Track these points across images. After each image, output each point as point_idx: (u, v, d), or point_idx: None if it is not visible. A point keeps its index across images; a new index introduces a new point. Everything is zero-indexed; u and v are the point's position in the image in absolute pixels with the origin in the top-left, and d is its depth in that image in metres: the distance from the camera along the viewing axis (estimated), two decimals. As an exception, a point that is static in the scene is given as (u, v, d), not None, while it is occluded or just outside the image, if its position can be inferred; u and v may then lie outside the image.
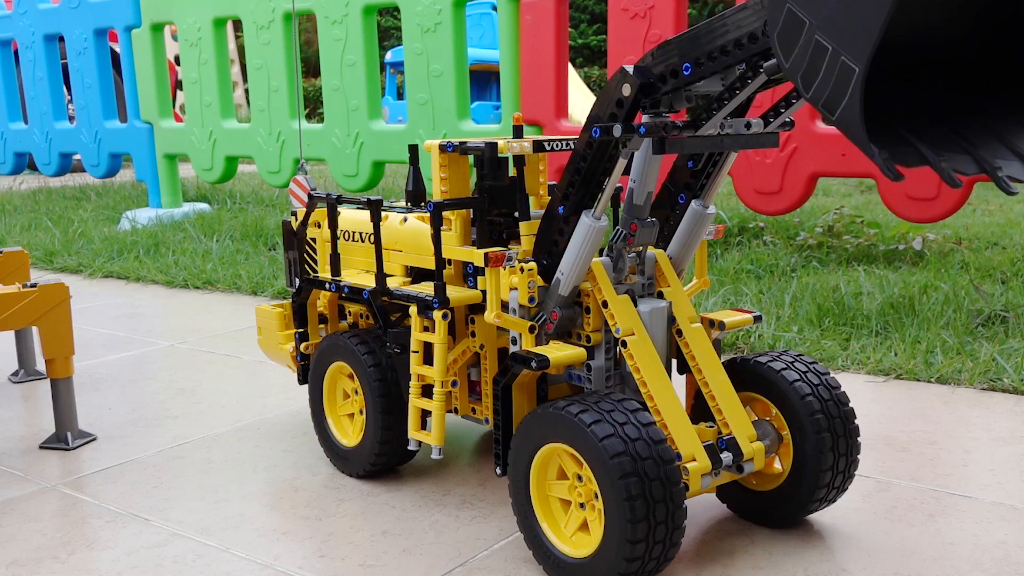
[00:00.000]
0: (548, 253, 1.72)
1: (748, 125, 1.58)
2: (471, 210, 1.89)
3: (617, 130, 1.49)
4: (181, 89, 6.01)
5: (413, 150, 1.97)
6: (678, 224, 1.86)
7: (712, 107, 1.50)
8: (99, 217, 6.32)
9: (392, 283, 2.03)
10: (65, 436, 2.37)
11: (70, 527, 1.91)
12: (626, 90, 1.48)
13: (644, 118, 1.51)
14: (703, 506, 1.90)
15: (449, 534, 1.82)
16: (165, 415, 2.60)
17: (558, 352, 1.66)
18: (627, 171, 1.65)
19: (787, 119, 1.62)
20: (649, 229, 1.70)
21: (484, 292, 1.81)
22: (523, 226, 1.79)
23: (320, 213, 2.25)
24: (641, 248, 1.76)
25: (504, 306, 1.75)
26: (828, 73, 1.16)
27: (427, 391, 1.89)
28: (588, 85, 13.24)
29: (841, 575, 1.64)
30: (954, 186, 1.18)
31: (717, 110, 1.50)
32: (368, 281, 2.06)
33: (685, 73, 1.41)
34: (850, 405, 1.76)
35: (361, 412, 2.06)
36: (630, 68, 1.48)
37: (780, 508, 1.78)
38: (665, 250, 1.85)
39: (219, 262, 4.64)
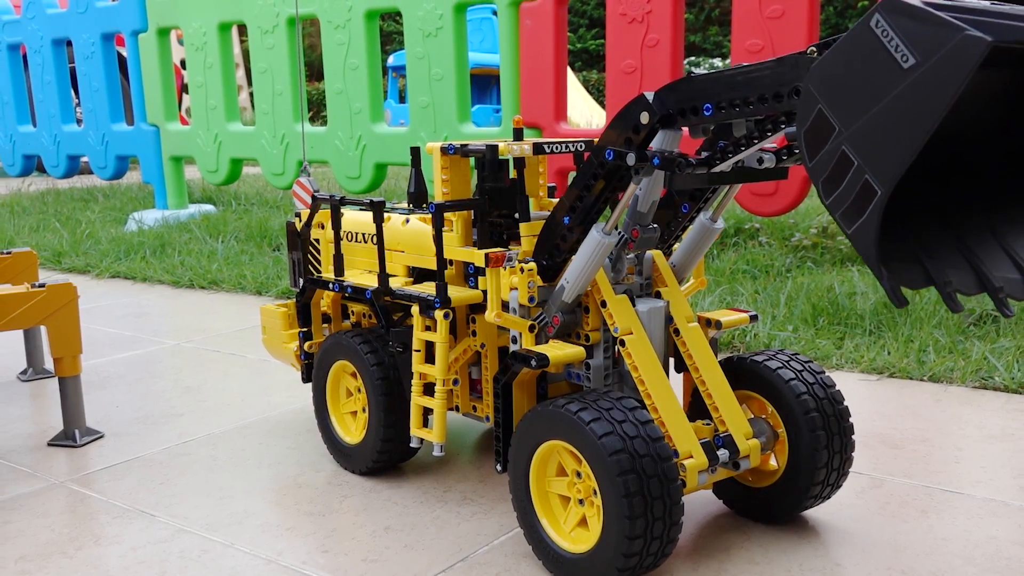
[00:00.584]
0: (548, 255, 1.72)
1: (760, 160, 1.56)
2: (472, 211, 1.89)
3: (631, 159, 1.47)
4: (187, 92, 6.01)
5: (415, 152, 1.97)
6: (679, 228, 1.86)
7: (728, 150, 1.48)
8: (106, 218, 6.32)
9: (394, 283, 2.03)
10: (73, 433, 2.37)
11: (78, 523, 1.91)
12: (644, 118, 1.45)
13: (658, 137, 1.49)
14: (700, 502, 1.90)
15: (450, 530, 1.82)
16: (171, 413, 2.60)
17: (557, 351, 1.66)
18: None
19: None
20: (651, 235, 1.70)
21: (485, 292, 1.81)
22: (523, 227, 1.79)
23: (324, 214, 2.25)
24: (641, 251, 1.76)
25: (504, 306, 1.75)
26: (850, 187, 1.12)
27: (429, 389, 1.90)
28: (587, 89, 13.24)
29: (835, 570, 1.64)
30: (955, 311, 1.16)
31: (733, 153, 1.47)
32: (371, 281, 2.06)
33: (705, 114, 1.38)
34: (844, 403, 1.76)
35: (364, 410, 2.06)
36: (651, 96, 1.45)
37: (776, 504, 1.78)
38: (668, 258, 1.85)
39: (224, 263, 4.64)
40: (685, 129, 1.47)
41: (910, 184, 1.18)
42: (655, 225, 1.71)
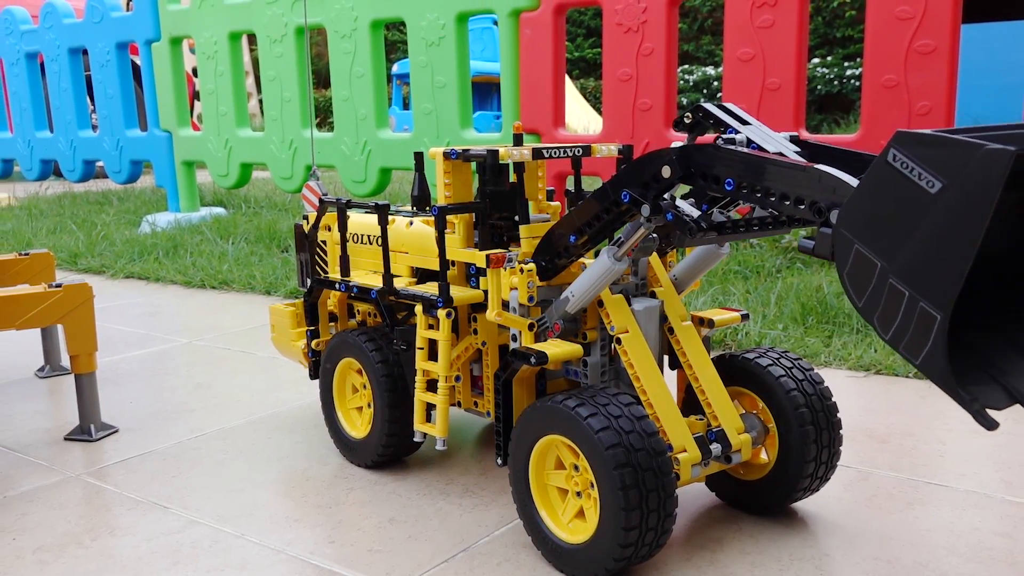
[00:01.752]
0: (548, 261, 1.72)
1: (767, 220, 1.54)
2: (474, 214, 1.89)
3: (645, 210, 1.46)
4: (198, 99, 6.01)
5: (418, 157, 1.97)
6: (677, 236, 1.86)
7: (739, 226, 1.45)
8: (121, 221, 6.32)
9: (399, 283, 2.03)
10: (88, 428, 2.37)
11: (93, 514, 1.91)
12: (666, 172, 1.42)
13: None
14: (693, 495, 1.90)
15: (453, 521, 1.82)
16: (183, 408, 2.59)
17: (556, 349, 1.66)
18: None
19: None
20: (650, 244, 1.70)
21: (486, 292, 1.81)
22: (523, 229, 1.79)
23: (331, 217, 2.25)
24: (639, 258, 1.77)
25: (504, 305, 1.75)
26: (906, 318, 1.07)
27: (432, 385, 1.89)
28: (584, 96, 13.24)
29: (824, 560, 1.64)
30: (989, 428, 1.08)
31: (746, 230, 1.45)
32: (376, 281, 2.06)
33: (726, 188, 1.34)
34: (832, 399, 1.76)
35: (369, 405, 2.06)
36: (676, 151, 1.40)
37: (766, 496, 1.78)
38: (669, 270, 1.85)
39: (234, 263, 4.64)
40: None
41: (959, 303, 1.14)
42: (655, 235, 1.70)
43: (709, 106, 1.58)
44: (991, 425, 1.05)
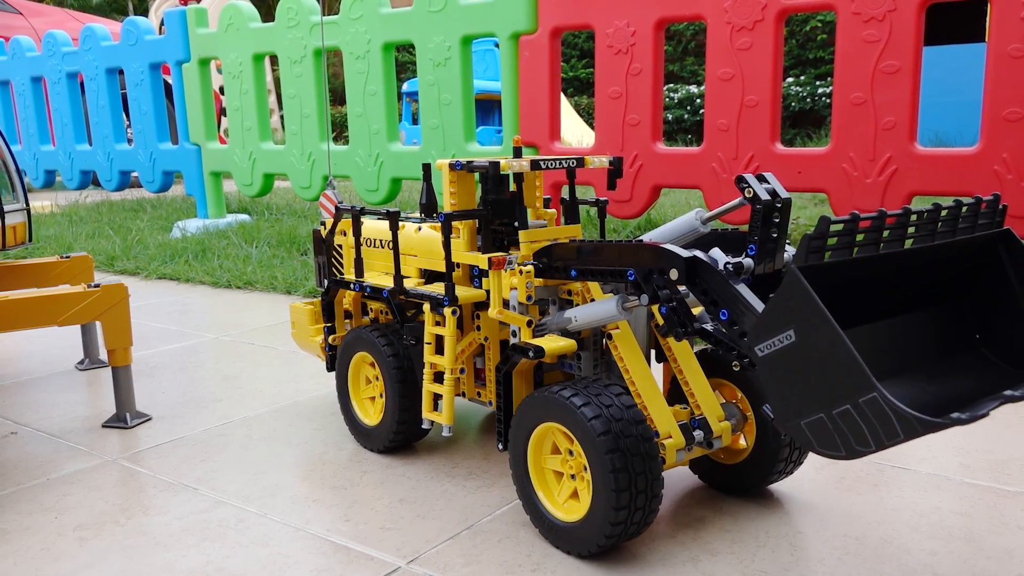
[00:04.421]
0: (546, 264, 1.72)
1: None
2: (477, 220, 1.88)
3: (644, 299, 1.45)
4: (225, 115, 6.00)
5: (426, 168, 1.97)
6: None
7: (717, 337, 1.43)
8: (154, 226, 6.31)
9: (408, 284, 2.03)
10: (124, 416, 2.37)
11: (129, 495, 1.91)
12: (674, 274, 1.39)
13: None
14: (678, 477, 1.90)
15: (458, 501, 1.82)
16: (211, 398, 2.59)
17: (552, 344, 1.66)
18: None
19: None
20: None
21: (488, 291, 1.80)
22: (522, 234, 1.79)
23: (346, 223, 2.25)
24: None
25: (505, 303, 1.75)
26: (867, 423, 1.06)
27: (438, 377, 1.89)
28: (578, 112, 13.24)
29: (797, 537, 1.63)
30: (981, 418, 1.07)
31: (716, 344, 1.43)
32: (387, 282, 2.05)
33: (722, 317, 1.32)
34: (805, 390, 1.75)
35: (381, 396, 2.06)
36: (685, 260, 1.37)
37: (745, 479, 1.78)
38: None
39: (258, 265, 4.64)
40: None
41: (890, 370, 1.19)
42: None
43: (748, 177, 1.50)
44: (981, 416, 1.04)
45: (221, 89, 9.15)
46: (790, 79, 13.04)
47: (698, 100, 13.38)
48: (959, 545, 1.59)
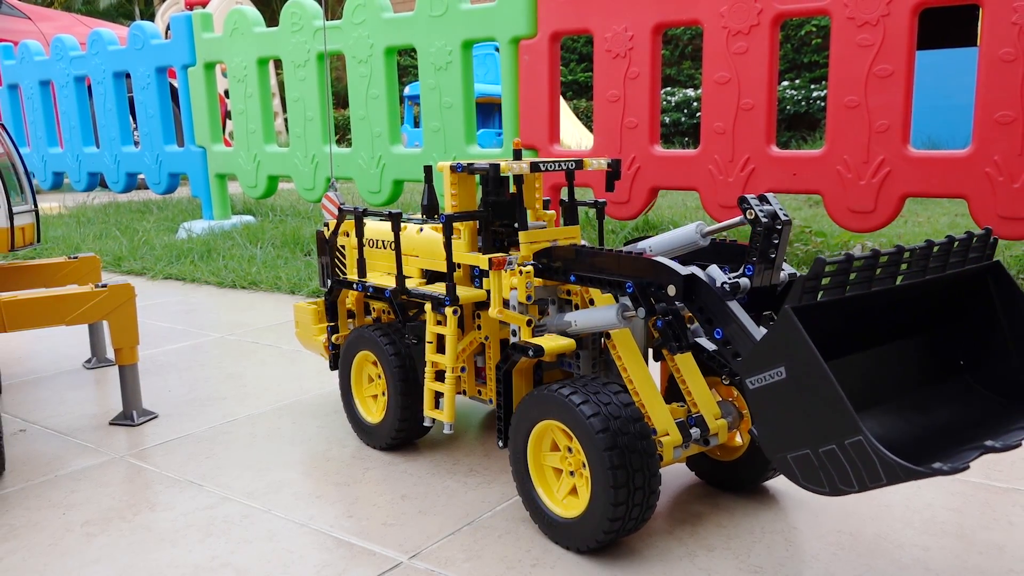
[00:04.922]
0: (545, 265, 1.72)
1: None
2: (477, 222, 1.89)
3: (641, 312, 1.46)
4: (230, 118, 6.00)
5: (428, 170, 1.97)
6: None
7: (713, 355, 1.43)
8: (160, 228, 6.31)
9: (410, 284, 2.03)
10: (131, 414, 2.37)
11: (135, 491, 1.91)
12: (671, 290, 1.41)
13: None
14: (675, 474, 1.90)
15: (459, 497, 1.82)
16: (216, 396, 2.59)
17: (551, 343, 1.66)
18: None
19: None
20: None
21: (488, 291, 1.81)
22: (522, 235, 1.79)
23: (349, 224, 2.25)
24: None
25: (505, 303, 1.75)
26: (852, 464, 1.07)
27: (440, 376, 1.89)
28: (577, 115, 13.24)
29: (792, 532, 1.64)
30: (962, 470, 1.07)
31: (710, 360, 1.43)
32: (389, 282, 2.06)
33: (716, 336, 1.34)
34: (800, 388, 1.75)
35: (383, 394, 2.06)
36: (683, 277, 1.39)
37: (740, 475, 1.78)
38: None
39: (262, 266, 4.64)
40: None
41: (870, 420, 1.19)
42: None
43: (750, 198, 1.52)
44: (962, 469, 1.06)
45: (226, 92, 9.15)
46: (785, 83, 13.04)
47: (695, 103, 13.38)
48: (951, 541, 1.59)
